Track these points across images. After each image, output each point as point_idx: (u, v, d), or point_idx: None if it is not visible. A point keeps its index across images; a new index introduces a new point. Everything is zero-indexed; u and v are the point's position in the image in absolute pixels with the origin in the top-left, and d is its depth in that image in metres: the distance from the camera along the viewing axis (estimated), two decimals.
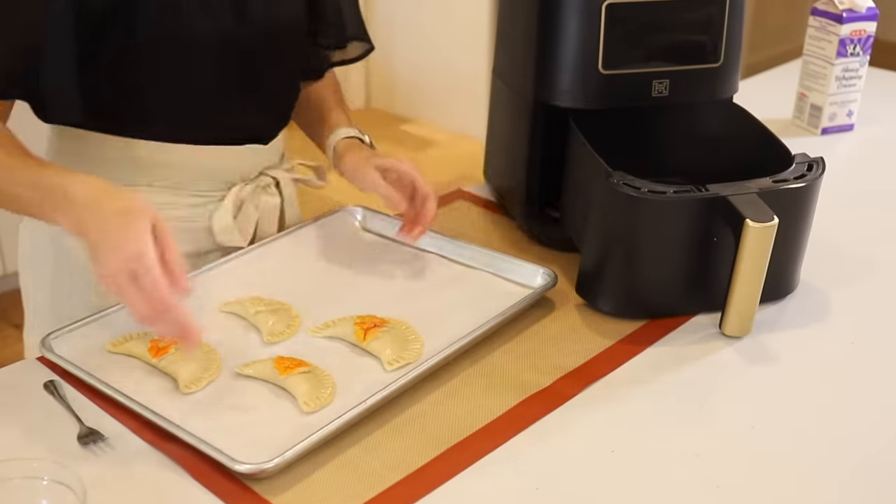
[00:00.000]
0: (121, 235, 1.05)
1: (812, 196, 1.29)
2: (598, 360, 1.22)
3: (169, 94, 1.29)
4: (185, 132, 1.32)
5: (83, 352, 1.19)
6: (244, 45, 1.31)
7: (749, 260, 1.20)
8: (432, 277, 1.39)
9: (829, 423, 1.13)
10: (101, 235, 1.06)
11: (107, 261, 1.05)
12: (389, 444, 1.08)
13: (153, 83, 1.27)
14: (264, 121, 1.42)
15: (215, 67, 1.29)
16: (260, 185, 1.41)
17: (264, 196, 1.42)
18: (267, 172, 1.43)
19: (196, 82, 1.29)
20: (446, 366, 1.19)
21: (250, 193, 1.40)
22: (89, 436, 1.06)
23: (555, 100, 1.39)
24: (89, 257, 1.08)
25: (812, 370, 1.22)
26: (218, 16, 1.27)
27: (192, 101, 1.31)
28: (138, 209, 1.07)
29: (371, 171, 1.38)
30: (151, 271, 1.04)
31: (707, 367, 1.22)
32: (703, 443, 1.08)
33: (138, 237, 1.05)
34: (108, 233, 1.06)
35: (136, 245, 1.04)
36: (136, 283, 1.05)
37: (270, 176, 1.43)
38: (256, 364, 1.17)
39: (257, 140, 1.40)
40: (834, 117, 1.93)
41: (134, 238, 1.04)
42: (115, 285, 1.05)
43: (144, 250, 1.04)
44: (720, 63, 1.41)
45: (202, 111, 1.32)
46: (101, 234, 1.06)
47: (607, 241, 1.29)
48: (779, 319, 1.31)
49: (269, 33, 1.33)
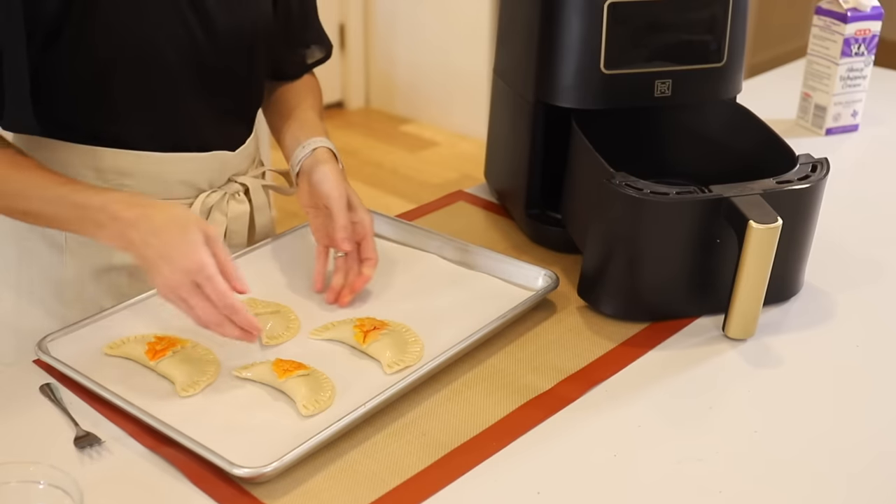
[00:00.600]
0: (178, 249, 1.11)
1: (816, 197, 1.29)
2: (599, 363, 1.22)
3: (130, 102, 1.28)
4: (148, 140, 1.31)
5: (79, 354, 1.19)
6: (207, 50, 1.30)
7: (753, 262, 1.20)
8: (432, 279, 1.39)
9: (834, 427, 1.12)
10: (155, 251, 1.12)
11: (167, 275, 1.11)
12: (389, 447, 1.08)
13: (113, 90, 1.26)
14: (230, 127, 1.41)
15: (178, 73, 1.29)
16: (228, 193, 1.41)
17: (232, 203, 1.41)
18: (235, 179, 1.42)
19: (158, 89, 1.29)
20: (446, 369, 1.19)
21: (217, 201, 1.39)
22: (86, 439, 1.06)
23: (556, 100, 1.39)
24: (145, 271, 1.13)
25: (817, 373, 1.22)
26: (180, 21, 1.26)
27: (154, 108, 1.30)
28: (188, 220, 1.12)
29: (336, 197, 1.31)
30: (214, 280, 1.11)
31: (710, 370, 1.22)
32: (706, 447, 1.08)
33: (196, 248, 1.10)
34: (164, 248, 1.11)
35: (195, 257, 1.10)
36: (200, 292, 1.11)
37: (239, 182, 1.42)
38: (255, 367, 1.18)
39: (224, 147, 1.39)
40: (838, 117, 1.93)
41: (192, 250, 1.10)
42: (178, 297, 1.12)
43: (204, 260, 1.10)
44: (723, 63, 1.41)
45: (165, 118, 1.32)
46: (155, 249, 1.11)
47: (609, 243, 1.29)
48: (783, 322, 1.31)
49: (233, 38, 1.33)
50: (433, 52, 4.55)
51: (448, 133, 4.56)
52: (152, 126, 1.31)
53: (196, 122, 1.34)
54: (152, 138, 1.31)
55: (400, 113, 4.77)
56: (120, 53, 1.24)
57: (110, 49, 1.23)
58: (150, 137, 1.31)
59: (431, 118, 4.66)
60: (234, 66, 1.35)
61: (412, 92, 4.71)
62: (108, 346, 1.21)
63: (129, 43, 1.23)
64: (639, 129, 1.47)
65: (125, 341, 1.22)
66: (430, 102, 4.65)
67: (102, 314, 1.26)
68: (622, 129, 1.42)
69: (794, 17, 5.00)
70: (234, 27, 1.32)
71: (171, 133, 1.33)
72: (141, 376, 1.17)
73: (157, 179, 1.33)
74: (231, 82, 1.36)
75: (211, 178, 1.38)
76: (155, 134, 1.32)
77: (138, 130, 1.30)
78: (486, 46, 4.25)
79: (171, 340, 1.20)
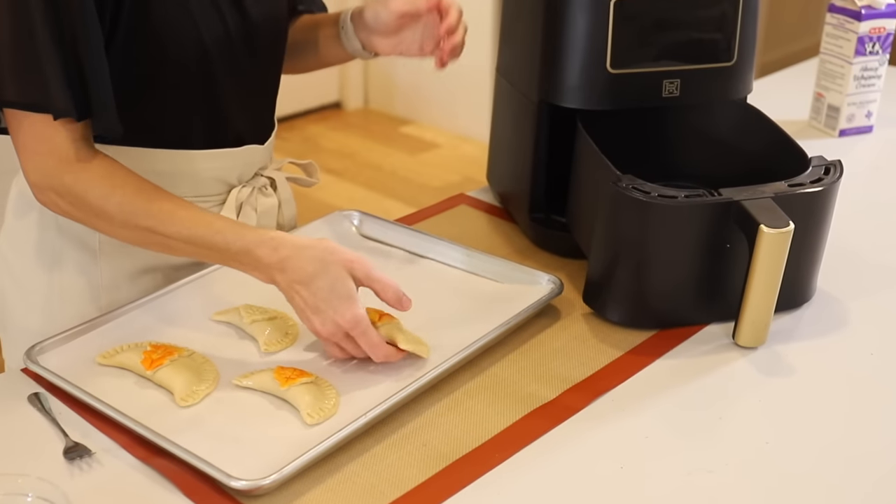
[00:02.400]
0: (327, 303, 1.15)
1: (829, 201, 1.29)
2: (605, 371, 1.22)
3: (176, 102, 1.29)
4: (186, 138, 1.32)
5: (71, 363, 1.19)
6: (241, 44, 1.32)
7: (764, 267, 1.20)
8: (433, 285, 1.39)
9: (848, 438, 1.13)
10: (303, 300, 1.16)
11: (318, 326, 1.16)
12: (389, 459, 1.08)
13: (159, 91, 1.27)
14: (260, 119, 1.43)
15: (218, 69, 1.30)
16: (256, 187, 1.42)
17: (261, 197, 1.42)
18: (262, 173, 1.44)
19: (201, 87, 1.30)
20: (447, 378, 1.19)
21: (248, 195, 1.40)
22: (75, 450, 1.06)
23: (561, 100, 1.39)
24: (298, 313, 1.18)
25: (830, 382, 1.22)
26: (219, 17, 1.28)
27: (197, 107, 1.31)
28: (331, 262, 1.15)
29: None
30: (367, 335, 1.16)
31: (720, 379, 1.22)
32: (716, 459, 1.08)
33: (346, 304, 1.15)
34: (312, 299, 1.15)
35: (346, 314, 1.15)
36: (353, 342, 1.17)
37: (266, 176, 1.44)
38: (256, 375, 1.17)
39: (255, 140, 1.40)
40: (852, 118, 1.93)
41: (342, 305, 1.15)
42: (332, 344, 1.18)
43: (357, 316, 1.15)
44: (733, 62, 1.41)
45: (206, 116, 1.33)
46: (303, 298, 1.16)
47: (616, 248, 1.29)
48: (795, 329, 1.32)
49: (266, 27, 1.35)
50: None
51: (449, 134, 4.56)
52: (193, 124, 1.32)
53: (232, 117, 1.36)
54: (191, 136, 1.33)
55: (400, 114, 4.78)
56: (165, 54, 1.25)
57: (158, 49, 1.24)
58: (189, 136, 1.32)
59: (432, 119, 4.66)
60: (264, 57, 1.37)
61: (412, 92, 4.71)
62: (101, 356, 1.21)
63: (175, 42, 1.25)
64: (646, 131, 1.47)
65: (120, 350, 1.22)
66: (430, 103, 4.65)
67: (96, 321, 1.26)
68: (629, 130, 1.42)
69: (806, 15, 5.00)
70: (266, 16, 1.35)
71: (211, 130, 1.34)
72: (136, 386, 1.17)
73: (190, 177, 1.34)
74: (261, 72, 1.38)
75: (241, 172, 1.40)
76: (194, 132, 1.33)
77: (179, 129, 1.32)
78: (489, 44, 4.25)
79: (167, 349, 1.20)
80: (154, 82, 1.27)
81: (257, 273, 1.18)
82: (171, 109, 1.30)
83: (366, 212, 1.55)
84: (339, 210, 1.55)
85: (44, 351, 1.20)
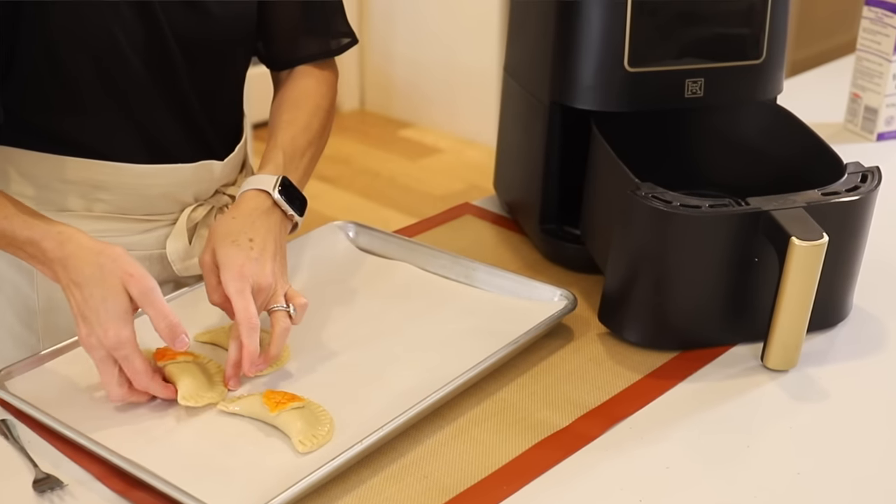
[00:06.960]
0: (95, 314, 1.12)
1: (866, 211, 1.30)
2: (622, 396, 1.23)
3: (97, 104, 1.29)
4: (124, 149, 1.32)
5: (42, 388, 1.19)
6: (187, 43, 1.30)
7: (795, 283, 1.20)
8: (436, 301, 1.39)
9: (886, 469, 1.13)
10: (76, 303, 1.14)
11: (83, 335, 1.13)
12: (388, 492, 1.08)
13: (77, 90, 1.27)
14: (216, 132, 1.41)
15: (154, 71, 1.29)
16: (216, 206, 1.41)
17: None
18: (224, 191, 1.43)
19: (127, 89, 1.29)
20: (450, 403, 1.19)
21: (204, 216, 1.39)
22: (46, 482, 1.07)
23: (575, 101, 1.40)
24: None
25: (867, 408, 1.22)
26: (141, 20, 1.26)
27: (126, 111, 1.30)
28: (112, 274, 1.12)
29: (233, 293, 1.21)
30: (130, 360, 1.12)
31: (747, 404, 1.22)
32: (744, 491, 1.09)
33: (114, 321, 1.11)
34: (83, 305, 1.13)
35: (111, 332, 1.11)
36: (113, 366, 1.13)
37: (228, 195, 1.43)
38: (243, 400, 1.18)
39: (211, 155, 1.39)
40: (891, 121, 1.94)
41: (110, 321, 1.11)
42: (93, 358, 1.14)
43: (122, 338, 1.11)
44: (762, 59, 1.41)
45: (139, 124, 1.32)
46: (76, 302, 1.14)
47: (634, 262, 1.29)
48: (829, 351, 1.32)
49: (222, 29, 1.34)
50: (436, 48, 4.57)
51: (453, 138, 4.57)
52: (126, 133, 1.31)
53: (177, 129, 1.35)
54: (128, 147, 1.32)
55: (398, 116, 4.79)
56: (77, 48, 1.24)
57: (69, 43, 1.23)
58: (125, 146, 1.32)
59: (434, 122, 4.67)
60: (211, 68, 1.35)
61: (412, 92, 4.73)
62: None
63: (81, 36, 1.23)
64: (667, 134, 1.47)
65: None
66: (432, 104, 4.67)
67: (69, 344, 1.25)
68: (648, 133, 1.43)
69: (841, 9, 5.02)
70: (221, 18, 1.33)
71: (149, 141, 1.33)
72: (109, 412, 1.17)
73: (136, 194, 1.33)
74: (213, 83, 1.37)
75: (197, 190, 1.39)
76: (130, 142, 1.32)
77: (111, 138, 1.31)
78: (496, 41, 4.26)
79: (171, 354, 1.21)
80: (72, 81, 1.26)
81: (43, 267, 1.18)
82: (98, 114, 1.29)
83: (362, 223, 1.55)
84: (333, 221, 1.56)
85: (11, 375, 1.20)
